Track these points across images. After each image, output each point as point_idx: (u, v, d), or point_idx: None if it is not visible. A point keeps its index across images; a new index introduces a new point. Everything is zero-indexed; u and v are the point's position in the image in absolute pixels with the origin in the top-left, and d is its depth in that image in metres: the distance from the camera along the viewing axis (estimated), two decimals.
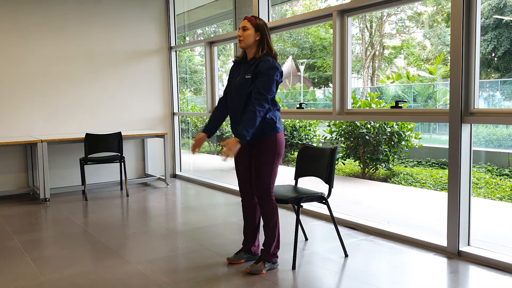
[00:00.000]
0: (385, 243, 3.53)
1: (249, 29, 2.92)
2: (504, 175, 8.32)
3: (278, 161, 3.00)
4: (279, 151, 2.99)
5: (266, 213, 2.99)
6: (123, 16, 6.31)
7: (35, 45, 5.72)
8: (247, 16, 2.98)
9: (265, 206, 2.97)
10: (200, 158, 10.67)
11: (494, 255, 3.06)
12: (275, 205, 3.01)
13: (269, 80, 2.85)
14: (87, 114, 6.11)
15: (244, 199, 3.16)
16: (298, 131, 8.83)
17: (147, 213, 4.76)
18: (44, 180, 5.26)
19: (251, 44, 2.94)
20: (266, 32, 2.95)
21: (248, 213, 3.16)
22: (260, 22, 2.95)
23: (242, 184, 3.14)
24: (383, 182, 7.45)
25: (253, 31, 2.92)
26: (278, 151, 2.98)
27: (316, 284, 2.81)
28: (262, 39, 2.94)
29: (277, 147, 2.97)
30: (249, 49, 2.97)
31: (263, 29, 2.94)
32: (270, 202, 2.97)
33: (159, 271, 3.05)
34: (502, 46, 16.93)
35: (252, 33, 2.92)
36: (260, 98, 2.82)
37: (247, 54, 3.00)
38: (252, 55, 2.96)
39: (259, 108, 2.80)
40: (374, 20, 22.55)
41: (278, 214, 3.02)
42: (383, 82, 20.78)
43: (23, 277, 2.99)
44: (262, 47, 2.93)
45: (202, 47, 13.25)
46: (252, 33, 2.92)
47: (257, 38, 2.93)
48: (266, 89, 2.83)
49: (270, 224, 3.00)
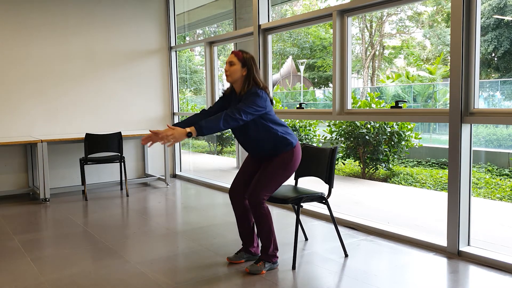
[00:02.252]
0: (385, 243, 3.53)
1: (236, 64, 2.93)
2: (504, 175, 8.32)
3: (284, 176, 2.99)
4: (290, 167, 2.98)
5: (259, 219, 2.94)
6: (123, 16, 6.32)
7: (35, 45, 5.72)
8: (234, 51, 2.98)
9: (257, 212, 2.92)
10: (200, 158, 10.68)
11: (494, 255, 3.06)
12: (267, 210, 2.95)
13: (248, 101, 2.83)
14: (87, 114, 6.11)
15: (234, 201, 3.13)
16: (298, 131, 8.83)
17: (147, 213, 4.76)
18: (44, 180, 5.26)
19: (237, 79, 2.95)
20: (253, 66, 2.95)
21: (240, 216, 3.14)
22: (247, 57, 2.95)
23: (235, 186, 3.13)
24: (383, 182, 7.45)
25: (240, 66, 2.93)
26: (289, 167, 2.97)
27: (316, 284, 2.81)
28: (249, 74, 2.94)
29: (290, 163, 2.97)
30: (236, 84, 2.98)
31: (250, 64, 2.94)
32: (261, 208, 2.92)
33: (159, 271, 3.05)
34: (502, 46, 16.93)
35: (238, 68, 2.93)
36: (234, 109, 2.80)
37: (235, 88, 3.02)
38: (239, 90, 2.98)
39: (229, 114, 2.76)
40: (374, 20, 22.55)
41: (271, 218, 2.97)
42: (383, 82, 20.79)
43: (23, 277, 2.99)
44: (248, 82, 2.93)
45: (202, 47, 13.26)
46: (239, 68, 2.93)
47: (244, 74, 2.94)
48: (243, 104, 2.82)
49: (263, 230, 2.96)
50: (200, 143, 13.20)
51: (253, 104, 2.82)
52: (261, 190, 2.91)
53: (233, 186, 3.15)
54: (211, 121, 2.75)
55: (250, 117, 2.82)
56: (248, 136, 2.99)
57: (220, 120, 2.74)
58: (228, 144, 11.96)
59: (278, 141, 2.95)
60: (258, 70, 3.00)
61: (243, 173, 3.15)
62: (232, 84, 3.01)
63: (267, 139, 2.95)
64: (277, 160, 2.97)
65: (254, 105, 2.82)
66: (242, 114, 2.78)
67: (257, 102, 2.84)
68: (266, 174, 2.95)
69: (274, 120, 2.97)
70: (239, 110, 2.79)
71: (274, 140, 2.95)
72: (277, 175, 2.96)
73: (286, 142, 2.97)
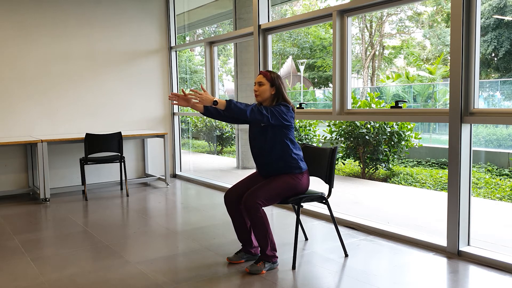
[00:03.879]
0: (385, 243, 3.53)
1: (265, 84, 3.02)
2: (504, 175, 8.32)
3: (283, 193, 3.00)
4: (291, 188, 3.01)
5: (255, 223, 2.93)
6: (123, 16, 6.32)
7: (35, 45, 5.72)
8: (262, 71, 3.08)
9: (252, 216, 2.91)
10: (200, 158, 10.68)
11: (494, 255, 3.06)
12: (263, 213, 2.95)
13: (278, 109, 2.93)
14: (87, 114, 6.12)
15: (228, 206, 3.12)
16: (298, 131, 8.82)
17: (147, 213, 4.76)
18: (44, 180, 5.26)
19: (267, 98, 3.04)
20: (282, 85, 3.04)
21: (235, 221, 3.13)
22: (274, 76, 3.04)
23: (232, 191, 3.12)
24: (383, 182, 7.45)
25: (269, 86, 3.03)
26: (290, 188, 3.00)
27: (316, 284, 2.81)
28: (278, 92, 3.03)
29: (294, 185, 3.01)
30: (265, 103, 3.07)
31: (278, 83, 3.04)
32: (257, 212, 2.90)
33: (159, 271, 3.05)
34: (502, 47, 16.93)
35: (267, 88, 3.02)
36: (263, 107, 2.90)
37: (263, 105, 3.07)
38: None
39: (256, 108, 2.86)
40: (374, 20, 22.55)
41: (267, 220, 2.96)
42: (383, 81, 20.79)
43: (23, 277, 2.99)
44: (277, 99, 3.03)
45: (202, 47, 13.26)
46: (268, 88, 3.02)
47: (273, 93, 3.03)
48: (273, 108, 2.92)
49: (260, 233, 2.95)
50: (200, 143, 13.20)
51: (281, 112, 2.93)
52: (259, 196, 2.90)
53: (228, 191, 3.16)
54: (241, 103, 2.84)
55: (274, 121, 2.90)
56: (263, 149, 3.04)
57: (249, 107, 2.84)
58: (228, 144, 11.96)
59: (289, 161, 3.01)
60: (286, 88, 3.10)
61: (243, 183, 3.16)
62: (262, 103, 3.08)
63: (280, 156, 3.01)
64: (285, 176, 3.01)
65: (282, 113, 2.93)
66: (269, 113, 2.88)
67: (286, 112, 2.95)
68: (270, 183, 2.98)
69: (292, 139, 3.05)
70: (268, 109, 2.89)
71: (286, 159, 3.00)
72: (280, 188, 2.98)
73: (297, 165, 3.03)
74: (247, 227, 3.14)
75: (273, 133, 2.99)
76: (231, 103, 2.80)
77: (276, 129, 2.98)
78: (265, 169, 3.11)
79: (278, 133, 2.99)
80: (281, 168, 3.02)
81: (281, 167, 3.02)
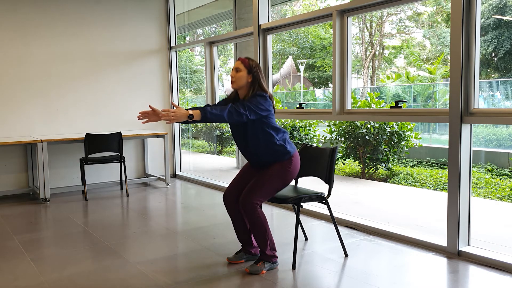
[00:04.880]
0: (385, 243, 3.53)
1: (242, 70, 2.94)
2: (504, 175, 8.32)
3: (280, 184, 2.99)
4: (287, 176, 2.99)
5: (253, 223, 2.93)
6: (123, 16, 6.32)
7: (35, 45, 5.72)
8: (240, 58, 2.99)
9: (250, 216, 2.91)
10: (200, 158, 10.68)
11: (494, 255, 3.06)
12: (261, 213, 2.95)
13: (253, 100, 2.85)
14: (87, 114, 6.11)
15: (228, 207, 3.12)
16: (298, 131, 8.82)
17: (147, 213, 4.76)
18: (44, 180, 5.26)
19: (243, 86, 2.96)
20: (259, 73, 2.96)
21: (235, 221, 3.13)
22: (253, 64, 2.96)
23: (230, 191, 3.12)
24: (383, 182, 7.45)
25: (246, 73, 2.94)
26: (286, 177, 2.99)
27: (316, 284, 2.81)
28: (254, 81, 2.95)
29: (287, 173, 2.98)
30: (241, 90, 2.99)
31: (256, 71, 2.95)
32: (255, 212, 2.91)
33: (159, 271, 3.05)
34: (502, 47, 16.93)
35: (244, 75, 2.94)
36: (240, 104, 2.81)
37: (239, 94, 3.02)
38: (243, 96, 2.98)
39: (235, 107, 2.78)
40: (374, 20, 22.55)
41: (266, 220, 2.96)
42: (383, 81, 20.79)
43: (23, 277, 2.99)
44: (253, 89, 2.94)
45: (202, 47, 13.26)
46: (245, 75, 2.94)
47: (249, 80, 2.95)
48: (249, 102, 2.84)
49: (259, 233, 2.95)
50: (200, 143, 13.20)
51: (258, 103, 2.84)
52: (255, 195, 2.90)
53: (226, 191, 3.15)
54: (216, 109, 2.75)
55: (254, 116, 2.83)
56: (247, 142, 3.01)
57: (225, 111, 2.74)
58: (228, 144, 11.96)
59: (276, 150, 2.96)
60: (264, 78, 3.02)
61: (239, 180, 3.15)
62: (237, 90, 3.02)
63: (265, 147, 2.96)
64: (275, 167, 2.98)
65: (259, 105, 2.84)
66: (247, 110, 2.79)
67: (262, 103, 2.86)
68: (261, 180, 2.96)
69: (275, 127, 2.98)
70: (244, 106, 2.80)
71: (272, 149, 2.96)
72: (273, 182, 2.96)
73: (284, 151, 2.98)
74: (247, 227, 3.14)
75: (253, 126, 2.93)
76: (206, 112, 2.71)
77: (256, 121, 2.92)
78: (254, 160, 3.09)
79: (258, 125, 2.93)
80: (270, 157, 2.98)
81: (269, 156, 2.98)
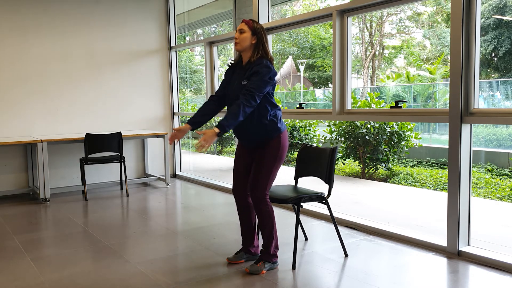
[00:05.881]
0: (385, 243, 3.53)
1: (246, 32, 2.93)
2: (504, 175, 8.32)
3: (278, 165, 3.00)
4: (281, 155, 2.99)
5: (262, 216, 2.96)
6: (123, 16, 6.32)
7: (35, 45, 5.72)
8: (244, 19, 2.98)
9: (261, 209, 2.94)
10: (200, 158, 10.67)
11: (494, 255, 3.06)
12: (271, 207, 2.98)
13: (260, 79, 2.83)
14: (87, 114, 6.12)
15: (238, 199, 3.14)
16: (298, 131, 8.83)
17: (147, 213, 4.76)
18: (44, 180, 5.26)
19: (247, 47, 2.94)
20: (263, 36, 2.95)
21: (242, 213, 3.15)
22: (257, 26, 2.95)
23: (237, 183, 3.13)
24: (383, 182, 7.45)
25: (250, 34, 2.92)
26: (280, 155, 2.98)
27: (316, 284, 2.81)
28: (258, 43, 2.94)
29: (279, 150, 2.97)
30: (245, 52, 2.97)
31: (260, 33, 2.94)
32: (265, 205, 2.94)
33: (159, 271, 3.05)
34: (502, 47, 16.94)
35: (248, 36, 2.92)
36: (248, 94, 2.79)
37: (243, 57, 3.01)
38: (248, 59, 2.96)
39: (245, 103, 2.77)
40: (374, 20, 22.55)
41: (274, 216, 2.99)
42: (383, 81, 20.79)
43: (23, 277, 2.99)
44: (258, 51, 2.93)
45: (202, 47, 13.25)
46: (249, 36, 2.92)
47: (253, 42, 2.94)
48: (255, 87, 2.81)
49: (266, 227, 2.97)
50: None
51: (260, 81, 2.82)
52: (261, 186, 2.93)
53: (235, 183, 3.16)
54: (230, 114, 2.76)
55: (259, 98, 2.83)
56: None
57: (238, 110, 2.75)
58: (228, 144, 11.96)
59: (266, 124, 2.94)
60: (268, 41, 2.99)
61: (239, 168, 3.15)
62: (241, 52, 2.99)
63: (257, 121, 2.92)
64: (267, 152, 2.96)
65: (261, 83, 2.81)
66: (256, 97, 2.79)
67: (268, 73, 2.84)
68: (261, 170, 2.96)
69: (271, 101, 2.96)
70: (253, 95, 2.79)
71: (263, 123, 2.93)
72: (271, 167, 2.96)
73: (275, 127, 2.96)
74: (252, 223, 3.15)
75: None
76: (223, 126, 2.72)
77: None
78: (246, 138, 3.05)
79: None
80: (260, 131, 2.95)
81: (259, 130, 2.95)
